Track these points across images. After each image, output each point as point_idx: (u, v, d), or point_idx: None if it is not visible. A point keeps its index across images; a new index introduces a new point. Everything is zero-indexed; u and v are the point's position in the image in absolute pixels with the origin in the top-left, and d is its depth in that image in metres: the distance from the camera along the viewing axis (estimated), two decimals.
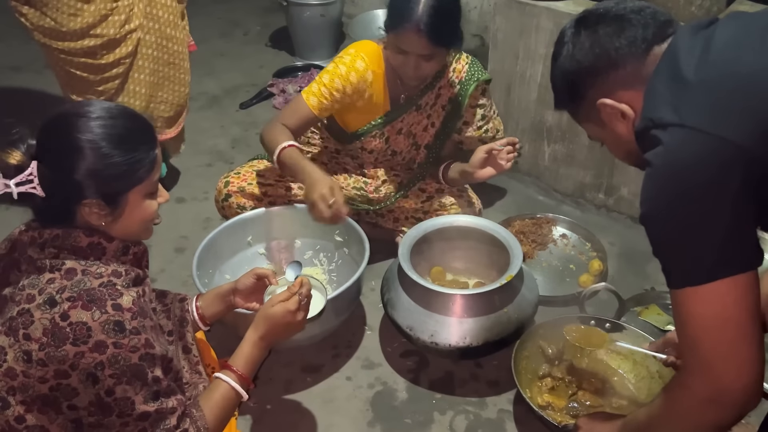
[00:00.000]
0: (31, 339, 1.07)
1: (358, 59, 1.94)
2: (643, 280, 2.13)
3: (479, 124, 2.13)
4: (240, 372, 1.29)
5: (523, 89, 2.44)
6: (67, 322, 1.07)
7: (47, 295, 1.09)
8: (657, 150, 0.97)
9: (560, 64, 1.13)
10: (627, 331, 1.71)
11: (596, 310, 1.95)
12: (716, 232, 0.93)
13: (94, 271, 1.13)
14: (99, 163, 1.12)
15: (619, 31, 1.06)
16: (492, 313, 1.70)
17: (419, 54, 1.82)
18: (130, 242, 1.22)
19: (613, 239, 2.30)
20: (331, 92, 1.93)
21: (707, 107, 0.93)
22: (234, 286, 1.50)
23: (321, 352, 1.90)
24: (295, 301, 1.33)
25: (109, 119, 1.15)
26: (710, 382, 0.96)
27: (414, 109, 2.05)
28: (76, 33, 2.07)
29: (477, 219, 1.97)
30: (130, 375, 1.10)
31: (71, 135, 1.12)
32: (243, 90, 3.32)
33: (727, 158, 0.91)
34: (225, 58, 3.61)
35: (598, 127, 1.14)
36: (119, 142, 1.14)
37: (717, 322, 0.95)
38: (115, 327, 1.08)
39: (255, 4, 4.20)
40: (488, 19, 2.97)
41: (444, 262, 2.01)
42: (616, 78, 1.06)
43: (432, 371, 1.85)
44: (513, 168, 2.61)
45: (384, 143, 2.08)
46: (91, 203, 1.14)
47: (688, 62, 0.97)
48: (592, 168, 2.39)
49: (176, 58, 2.30)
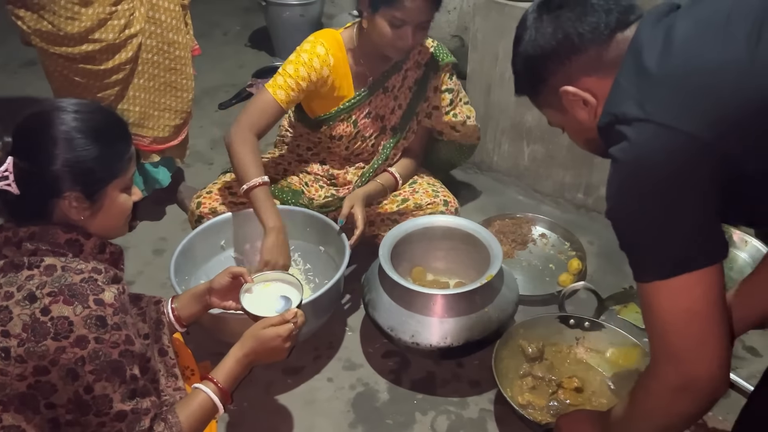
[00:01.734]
0: (10, 335, 1.06)
1: (318, 45, 1.95)
2: (622, 279, 2.15)
3: (447, 109, 2.14)
4: (220, 385, 1.29)
5: (503, 90, 2.45)
6: (49, 316, 1.06)
7: (26, 291, 1.08)
8: (622, 145, 0.97)
9: (522, 50, 1.12)
10: (606, 330, 1.72)
11: (575, 309, 1.97)
12: (681, 226, 0.94)
13: (75, 267, 1.12)
14: (76, 155, 1.13)
15: (582, 17, 1.04)
16: (473, 312, 1.71)
17: (419, 22, 1.83)
18: (106, 241, 1.22)
19: (592, 238, 2.31)
20: (297, 82, 1.92)
21: (672, 102, 0.93)
22: (209, 286, 1.49)
23: (302, 353, 1.89)
24: (287, 328, 1.35)
25: (85, 113, 1.16)
26: (679, 372, 0.98)
27: (381, 91, 2.05)
28: (75, 37, 2.02)
29: (457, 219, 1.97)
30: (110, 371, 1.09)
31: (47, 128, 1.12)
32: (222, 90, 3.30)
33: (693, 153, 0.91)
34: (204, 58, 3.55)
35: (559, 113, 1.14)
36: (96, 135, 1.15)
37: (684, 316, 0.96)
38: (97, 322, 1.08)
39: (234, 5, 4.18)
40: (468, 20, 2.98)
41: (425, 262, 2.01)
42: (578, 64, 1.05)
43: (413, 371, 1.85)
44: (493, 168, 2.64)
45: (352, 127, 2.07)
46: (70, 196, 1.14)
47: (650, 55, 0.97)
48: (572, 168, 2.41)
49: (178, 64, 2.24)
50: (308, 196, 2.13)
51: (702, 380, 0.97)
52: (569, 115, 1.12)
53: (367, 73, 2.03)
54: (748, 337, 1.89)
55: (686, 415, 1.03)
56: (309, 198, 2.12)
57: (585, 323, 1.74)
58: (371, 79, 2.03)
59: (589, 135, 1.11)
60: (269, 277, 1.52)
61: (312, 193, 2.15)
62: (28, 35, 2.03)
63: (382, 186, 2.07)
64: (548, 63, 1.08)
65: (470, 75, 2.54)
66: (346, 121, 2.06)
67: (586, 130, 1.11)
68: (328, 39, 1.98)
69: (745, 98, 0.90)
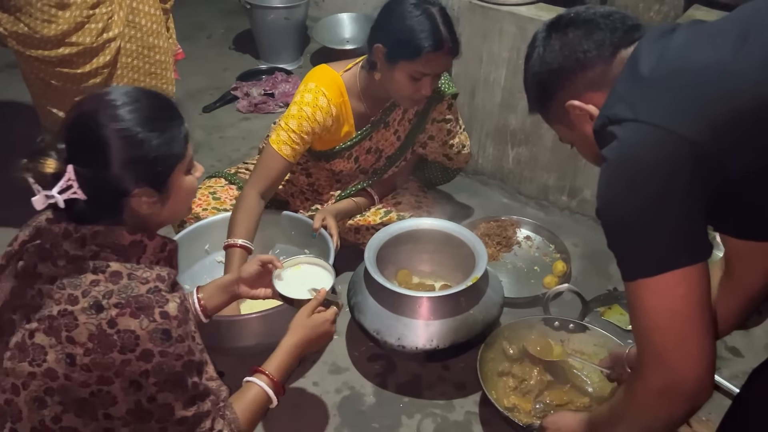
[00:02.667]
0: (76, 343, 1.05)
1: (320, 96, 1.89)
2: (606, 281, 2.16)
3: (445, 139, 2.13)
4: (273, 377, 1.30)
5: (487, 93, 2.46)
6: (115, 329, 1.05)
7: (92, 298, 1.07)
8: (612, 145, 0.99)
9: (531, 66, 1.16)
10: (591, 332, 1.73)
11: (560, 311, 1.98)
12: (667, 224, 0.95)
13: (140, 276, 1.10)
14: (139, 150, 1.10)
15: (588, 35, 1.09)
16: (458, 315, 1.71)
17: (440, 72, 1.83)
18: (167, 239, 1.19)
19: (576, 240, 2.33)
20: (302, 136, 1.88)
21: (659, 102, 0.96)
22: (237, 275, 1.49)
23: None
24: (332, 311, 1.40)
25: (134, 103, 1.12)
26: (663, 375, 0.99)
27: (383, 126, 2.04)
28: (51, 40, 1.98)
29: (443, 222, 1.98)
30: (173, 382, 1.10)
31: (102, 129, 1.08)
32: (207, 93, 3.28)
33: (678, 152, 0.93)
34: (188, 61, 3.52)
35: (568, 129, 1.17)
36: (151, 124, 1.11)
37: (667, 315, 0.97)
38: (163, 335, 1.07)
39: (219, 7, 4.16)
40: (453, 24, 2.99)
41: (410, 265, 2.01)
42: (584, 80, 1.09)
43: (399, 374, 1.85)
44: (478, 171, 2.65)
45: (353, 163, 2.07)
46: (141, 193, 1.12)
47: (646, 63, 1.00)
48: (556, 171, 2.43)
49: (159, 68, 2.21)
50: (293, 208, 2.13)
51: (685, 382, 0.97)
52: (577, 130, 1.15)
53: (369, 113, 2.00)
54: (731, 338, 1.91)
55: (669, 418, 1.03)
56: (293, 209, 2.12)
57: (569, 325, 1.75)
58: (374, 118, 2.01)
59: (596, 150, 1.12)
60: (296, 261, 1.55)
61: (297, 205, 2.15)
62: (5, 37, 2.00)
63: (355, 204, 2.07)
64: (555, 79, 1.12)
65: (455, 78, 2.54)
66: (347, 159, 2.05)
67: (594, 144, 1.12)
68: (330, 87, 1.91)
69: (726, 97, 0.92)
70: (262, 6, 3.38)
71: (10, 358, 1.09)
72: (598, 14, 1.11)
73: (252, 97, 3.15)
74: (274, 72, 3.34)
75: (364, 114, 2.00)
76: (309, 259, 1.57)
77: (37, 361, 1.07)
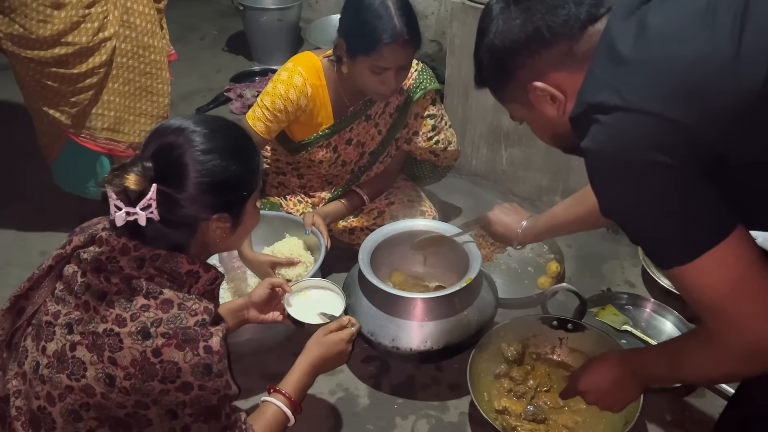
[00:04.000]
0: (117, 365, 1.06)
1: (296, 74, 1.91)
2: (600, 281, 2.17)
3: (429, 135, 2.12)
4: (290, 396, 1.32)
5: (481, 94, 2.43)
6: (159, 359, 1.06)
7: (140, 324, 1.07)
8: (600, 136, 0.94)
9: (488, 41, 1.08)
10: (589, 331, 1.73)
11: (555, 311, 1.97)
12: (682, 211, 0.92)
13: (191, 307, 1.11)
14: (222, 177, 1.12)
15: (552, 9, 1.01)
16: (452, 316, 1.71)
17: (401, 65, 1.80)
18: (219, 273, 1.21)
19: (569, 241, 2.33)
20: (275, 114, 1.90)
21: (651, 89, 0.91)
22: (248, 300, 1.50)
23: (281, 359, 1.87)
24: (349, 332, 1.41)
25: (219, 131, 1.14)
26: (747, 340, 0.94)
27: (363, 119, 2.04)
28: (46, 41, 1.97)
29: (436, 223, 1.98)
30: (208, 414, 1.12)
31: (190, 152, 1.09)
32: (200, 95, 3.27)
33: (676, 138, 0.89)
34: (181, 62, 3.51)
35: (525, 108, 1.11)
36: (235, 153, 1.14)
37: (729, 285, 0.93)
38: (204, 370, 1.09)
39: (212, 9, 4.15)
40: (445, 25, 2.99)
41: (404, 266, 2.01)
42: (547, 58, 1.02)
43: (393, 376, 1.85)
44: (472, 172, 2.65)
45: (332, 152, 2.06)
46: (219, 218, 1.14)
47: (625, 43, 0.95)
48: (549, 171, 2.43)
49: (154, 68, 2.20)
50: (286, 209, 2.12)
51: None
52: (535, 111, 1.09)
53: (347, 104, 2.00)
54: None
55: (751, 374, 1.00)
56: (287, 211, 2.11)
57: (568, 324, 1.75)
58: (351, 109, 2.01)
59: (556, 131, 1.09)
60: (306, 285, 1.58)
61: (290, 207, 2.14)
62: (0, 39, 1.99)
63: (344, 206, 2.07)
64: (516, 56, 1.04)
65: (448, 79, 2.55)
66: (326, 148, 2.05)
67: (553, 125, 1.08)
68: (307, 67, 1.93)
69: (730, 89, 0.88)
70: (255, 7, 3.38)
71: (48, 366, 1.10)
72: None
73: (245, 99, 3.15)
74: (268, 73, 3.34)
75: (343, 103, 2.00)
76: (319, 282, 1.60)
77: (75, 375, 1.07)
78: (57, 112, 2.09)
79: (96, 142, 2.16)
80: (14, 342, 1.22)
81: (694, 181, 0.91)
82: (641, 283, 2.15)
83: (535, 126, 1.16)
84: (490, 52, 1.08)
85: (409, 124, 2.10)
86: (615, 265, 2.22)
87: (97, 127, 2.15)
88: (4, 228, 2.38)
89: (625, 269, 2.21)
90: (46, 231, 2.34)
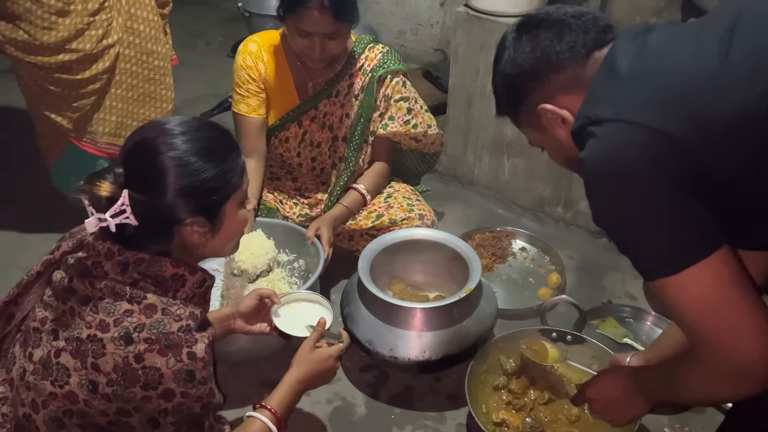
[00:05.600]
0: (100, 371, 1.05)
1: (250, 42, 1.98)
2: (601, 293, 2.16)
3: (406, 119, 2.09)
4: (275, 411, 1.28)
5: (484, 104, 2.47)
6: (141, 364, 1.05)
7: (123, 329, 1.06)
8: (592, 147, 0.97)
9: (501, 69, 1.13)
10: (588, 344, 1.72)
11: (555, 323, 1.97)
12: (667, 224, 0.93)
13: (174, 312, 1.10)
14: (193, 179, 1.10)
15: (560, 36, 1.06)
16: (451, 326, 1.70)
17: (324, 33, 1.81)
18: (207, 275, 1.19)
19: (571, 252, 2.32)
20: (245, 86, 1.96)
21: (641, 101, 0.94)
22: (235, 310, 1.48)
23: (279, 366, 1.85)
24: (337, 348, 1.39)
25: (192, 133, 1.12)
26: (727, 360, 0.95)
27: (326, 97, 2.04)
28: (51, 47, 1.98)
29: (437, 232, 1.97)
30: (190, 423, 1.10)
31: (159, 156, 1.08)
32: (204, 100, 3.29)
33: (664, 150, 0.91)
34: (186, 68, 3.55)
35: (539, 132, 1.15)
36: (208, 154, 1.12)
37: (705, 303, 0.94)
38: (187, 377, 1.07)
39: (217, 15, 4.17)
40: (450, 34, 3.00)
41: (404, 275, 2.01)
42: (556, 82, 1.07)
43: (391, 385, 1.84)
44: (474, 181, 2.65)
45: (297, 127, 2.07)
46: (193, 222, 1.11)
47: (624, 61, 0.98)
48: (551, 182, 2.43)
49: (157, 74, 2.21)
50: (283, 214, 2.12)
51: (753, 362, 0.93)
52: (548, 134, 1.13)
53: (306, 77, 2.01)
54: None
55: (746, 393, 0.99)
56: (283, 216, 2.11)
57: (567, 337, 1.74)
58: (311, 84, 2.02)
59: (568, 153, 1.12)
60: (295, 297, 1.55)
61: (287, 211, 2.14)
62: (3, 44, 1.99)
63: (347, 209, 2.06)
64: (526, 81, 1.09)
65: (451, 89, 2.55)
66: (297, 127, 2.07)
67: (566, 148, 1.11)
68: (263, 37, 2.00)
69: (714, 101, 0.90)
70: (261, 14, 3.39)
71: (33, 373, 1.09)
72: (569, 14, 1.08)
73: None
74: None
75: (303, 79, 2.02)
76: (308, 295, 1.57)
77: (59, 381, 1.07)
78: (59, 117, 2.09)
79: (97, 146, 2.17)
80: (3, 348, 1.22)
81: (680, 195, 0.92)
82: (642, 295, 2.14)
83: (550, 149, 1.19)
84: (503, 79, 1.14)
85: (379, 106, 2.08)
86: (616, 277, 2.21)
87: (99, 132, 2.15)
88: (6, 230, 2.39)
89: (626, 281, 2.20)
90: (47, 233, 2.34)
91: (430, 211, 2.14)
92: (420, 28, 3.31)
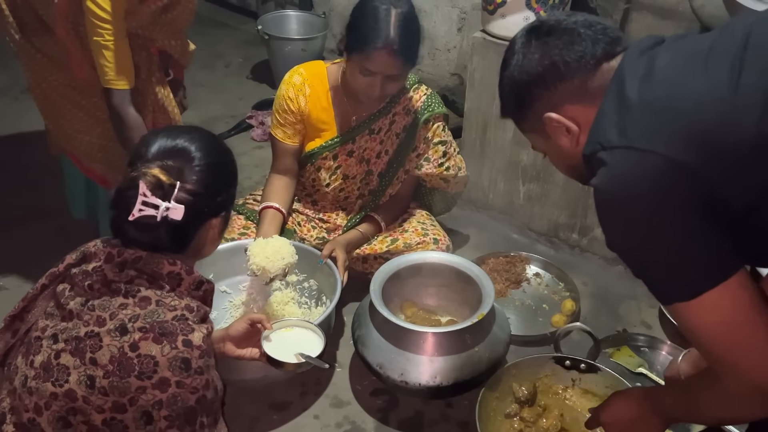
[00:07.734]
0: (97, 365, 1.06)
1: (296, 74, 2.00)
2: (616, 321, 2.13)
3: (441, 161, 2.12)
4: None
5: (499, 128, 2.47)
6: (136, 353, 1.06)
7: (118, 321, 1.08)
8: (604, 173, 0.97)
9: (509, 73, 1.13)
10: (602, 373, 1.69)
11: (569, 351, 1.94)
12: (682, 250, 0.93)
13: (168, 303, 1.12)
14: (233, 179, 1.26)
15: (569, 45, 1.05)
16: (463, 351, 1.68)
17: (388, 74, 1.83)
18: (204, 278, 1.22)
19: (586, 279, 2.30)
20: (283, 115, 1.99)
21: (652, 129, 0.94)
22: (225, 333, 1.47)
23: (289, 388, 1.86)
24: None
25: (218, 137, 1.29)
26: (745, 382, 0.95)
27: (367, 132, 2.05)
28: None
29: (450, 256, 1.96)
30: (183, 419, 1.09)
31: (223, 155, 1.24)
32: (222, 121, 3.32)
33: (677, 178, 0.91)
34: (205, 89, 3.61)
35: (543, 138, 1.15)
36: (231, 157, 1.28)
37: (723, 327, 0.94)
38: (182, 365, 1.08)
39: (238, 37, 4.22)
40: (467, 59, 3.01)
41: (416, 298, 1.99)
42: (563, 91, 1.06)
43: (401, 411, 1.82)
44: (488, 206, 2.64)
45: (332, 161, 2.08)
46: (221, 218, 1.23)
47: (632, 85, 0.98)
48: (566, 208, 2.41)
49: None
50: (300, 236, 2.12)
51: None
52: (552, 142, 1.13)
53: (350, 111, 2.02)
54: None
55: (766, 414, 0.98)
56: (300, 238, 2.11)
57: (581, 365, 1.71)
58: (354, 118, 2.03)
59: (570, 162, 1.12)
60: (288, 323, 1.55)
61: (304, 233, 2.14)
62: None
63: (361, 234, 2.06)
64: (533, 89, 1.09)
65: (467, 113, 2.55)
66: (331, 160, 2.08)
67: (568, 157, 1.11)
68: (309, 69, 2.02)
69: (726, 130, 0.90)
70: (280, 37, 3.44)
71: (35, 378, 1.10)
72: (579, 23, 1.07)
73: (266, 126, 3.18)
74: None
75: (346, 113, 2.03)
76: (300, 322, 1.57)
77: (59, 381, 1.08)
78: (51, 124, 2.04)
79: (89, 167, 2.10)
80: (8, 362, 1.23)
81: (697, 220, 0.92)
82: (658, 324, 2.11)
83: (552, 156, 1.19)
84: (511, 83, 1.13)
85: (418, 147, 2.10)
86: (632, 306, 2.18)
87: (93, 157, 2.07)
88: (26, 243, 2.41)
89: (642, 310, 2.17)
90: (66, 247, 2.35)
91: (445, 236, 2.13)
92: (437, 52, 3.33)
